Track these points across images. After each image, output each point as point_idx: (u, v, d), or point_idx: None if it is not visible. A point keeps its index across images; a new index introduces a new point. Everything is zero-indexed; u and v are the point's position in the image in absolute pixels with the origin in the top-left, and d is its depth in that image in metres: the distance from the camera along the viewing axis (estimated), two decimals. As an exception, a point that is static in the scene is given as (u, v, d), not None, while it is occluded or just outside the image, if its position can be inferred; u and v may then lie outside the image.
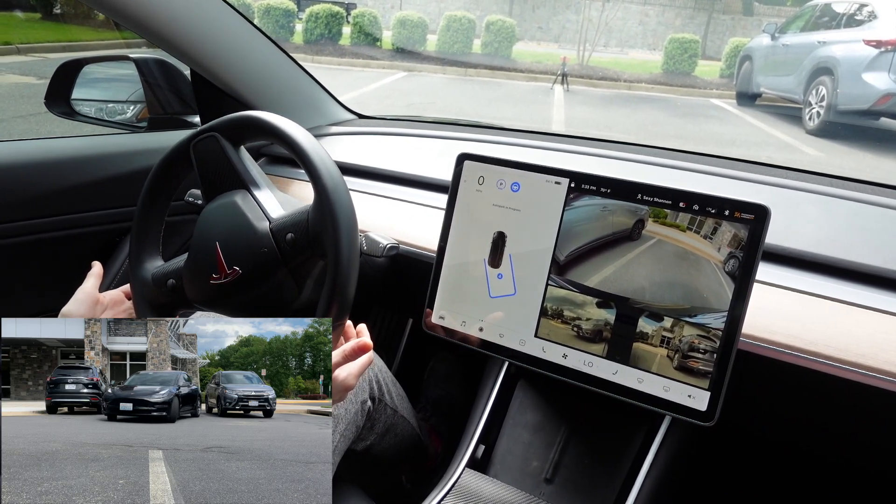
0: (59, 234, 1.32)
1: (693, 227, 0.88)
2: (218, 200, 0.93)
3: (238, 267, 0.88)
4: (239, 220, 0.89)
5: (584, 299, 0.94)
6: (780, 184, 1.20)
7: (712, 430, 0.87)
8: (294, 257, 0.87)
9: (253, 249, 0.88)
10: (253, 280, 0.88)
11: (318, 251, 0.85)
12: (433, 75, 11.99)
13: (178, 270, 0.95)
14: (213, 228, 0.92)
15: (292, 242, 0.86)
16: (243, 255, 0.88)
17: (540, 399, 1.15)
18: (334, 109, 1.77)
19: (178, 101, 1.59)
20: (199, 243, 0.92)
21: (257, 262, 0.87)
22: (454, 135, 1.59)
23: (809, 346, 0.90)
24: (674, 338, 0.88)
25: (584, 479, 1.07)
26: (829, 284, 0.97)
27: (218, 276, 0.89)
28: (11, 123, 5.48)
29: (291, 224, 0.87)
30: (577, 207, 0.95)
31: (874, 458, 1.03)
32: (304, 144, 0.86)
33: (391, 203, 1.35)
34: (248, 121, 0.91)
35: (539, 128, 1.73)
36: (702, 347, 0.86)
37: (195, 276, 0.92)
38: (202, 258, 0.91)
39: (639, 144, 1.46)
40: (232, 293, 0.89)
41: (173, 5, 1.26)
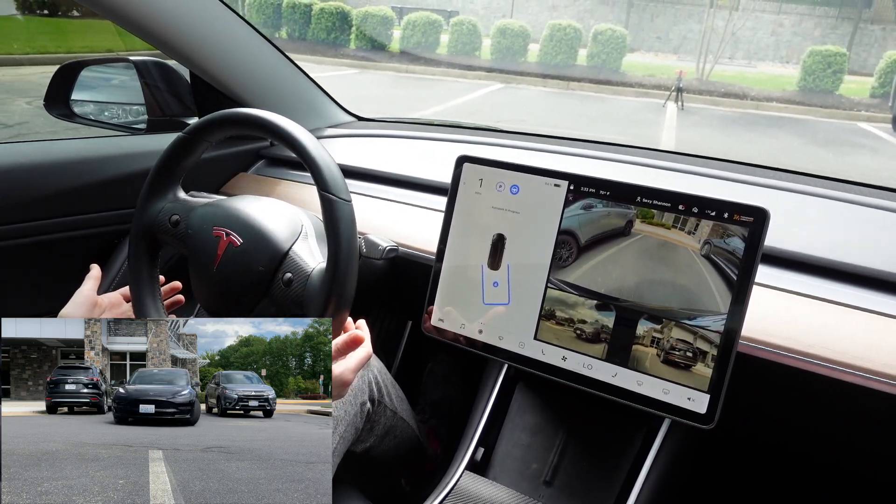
0: (59, 235, 1.32)
1: (677, 225, 0.89)
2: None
3: (242, 238, 0.91)
4: (275, 219, 0.94)
5: (584, 302, 0.94)
6: (780, 186, 1.21)
7: (711, 433, 0.87)
8: (277, 293, 0.89)
9: (253, 257, 0.90)
10: (247, 258, 0.91)
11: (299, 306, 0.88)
12: (532, 88, 11.19)
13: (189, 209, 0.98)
14: (239, 203, 0.96)
15: (287, 282, 0.88)
16: (252, 232, 0.91)
17: (539, 401, 1.15)
18: (334, 111, 1.77)
19: (178, 103, 1.60)
20: (225, 206, 0.96)
21: (258, 245, 0.90)
22: (453, 137, 1.59)
23: (808, 349, 0.90)
24: (673, 340, 0.88)
25: (584, 481, 1.07)
26: (829, 287, 0.98)
27: (221, 231, 0.92)
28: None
29: (296, 268, 0.89)
30: (577, 210, 0.95)
31: (872, 462, 1.03)
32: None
33: (390, 205, 1.35)
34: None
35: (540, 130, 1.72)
36: (701, 350, 0.86)
37: (199, 226, 0.95)
38: (220, 214, 0.95)
39: (638, 147, 1.47)
40: (223, 260, 0.92)
41: (172, 8, 1.26)
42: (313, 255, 0.92)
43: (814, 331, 0.91)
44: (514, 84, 11.29)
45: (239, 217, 0.93)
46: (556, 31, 13.04)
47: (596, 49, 12.91)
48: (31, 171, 1.26)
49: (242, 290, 0.91)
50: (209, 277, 0.93)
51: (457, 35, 13.45)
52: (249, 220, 0.93)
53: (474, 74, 11.74)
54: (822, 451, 1.07)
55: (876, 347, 0.88)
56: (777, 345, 0.91)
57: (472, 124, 1.86)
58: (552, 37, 13.07)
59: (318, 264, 0.89)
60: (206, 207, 0.97)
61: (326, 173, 0.84)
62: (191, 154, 0.98)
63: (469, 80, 11.40)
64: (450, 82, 10.97)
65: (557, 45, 13.03)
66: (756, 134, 8.19)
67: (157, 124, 1.58)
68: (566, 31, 12.98)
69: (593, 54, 12.95)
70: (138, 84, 1.56)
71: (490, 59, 13.14)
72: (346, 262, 0.82)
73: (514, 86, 11.11)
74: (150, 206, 0.99)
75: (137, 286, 1.00)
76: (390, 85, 10.84)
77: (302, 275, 0.88)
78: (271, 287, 0.89)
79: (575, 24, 13.26)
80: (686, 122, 8.62)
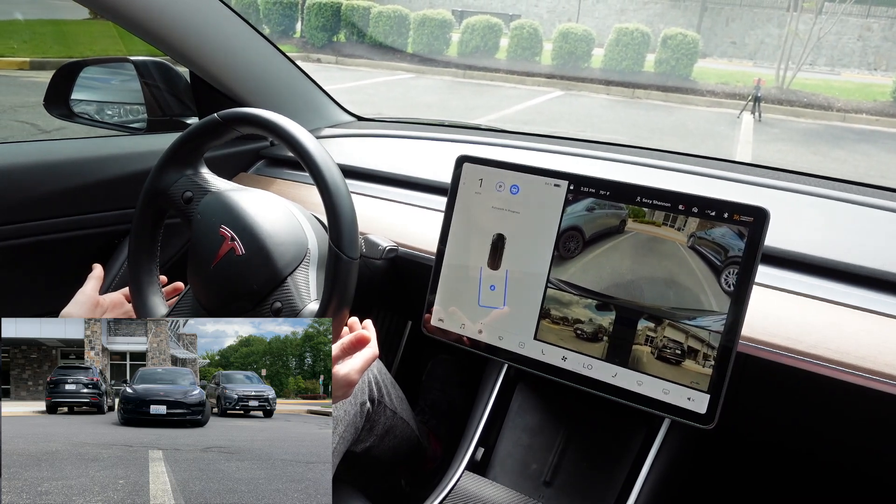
0: (59, 236, 1.32)
1: (667, 223, 0.89)
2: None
3: (244, 246, 0.90)
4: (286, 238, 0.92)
5: (584, 301, 0.94)
6: (780, 186, 1.21)
7: (711, 433, 0.87)
8: (264, 314, 0.89)
9: (251, 272, 0.89)
10: (248, 267, 0.90)
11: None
12: (594, 96, 10.40)
13: (204, 189, 0.97)
14: (253, 207, 0.93)
15: (275, 311, 0.88)
16: (256, 245, 0.90)
17: (539, 401, 1.15)
18: (333, 111, 1.77)
19: (178, 103, 1.60)
20: (238, 201, 0.94)
21: (260, 257, 0.89)
22: (453, 137, 1.59)
23: (809, 349, 0.90)
24: (674, 341, 0.88)
25: (584, 481, 1.07)
26: (829, 287, 0.98)
27: (227, 233, 0.91)
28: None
29: (286, 298, 0.88)
30: (577, 210, 0.95)
31: (873, 462, 1.03)
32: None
33: (390, 205, 1.35)
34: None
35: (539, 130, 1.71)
36: (701, 350, 0.86)
37: (208, 213, 0.94)
38: (229, 210, 0.93)
39: (638, 147, 1.47)
40: (221, 263, 0.91)
41: (172, 7, 1.26)
42: (309, 290, 0.90)
43: (814, 331, 0.91)
44: (574, 91, 10.62)
45: (247, 223, 0.91)
46: (622, 35, 12.28)
47: (665, 54, 12.01)
48: (31, 171, 1.26)
49: (233, 296, 0.90)
50: (205, 272, 0.92)
51: (517, 39, 12.83)
52: (257, 231, 0.90)
53: (533, 81, 11.18)
54: (823, 451, 1.07)
55: (877, 347, 0.88)
56: (777, 345, 0.91)
57: (473, 124, 1.86)
58: (618, 41, 12.31)
59: (312, 302, 0.88)
60: (219, 197, 0.94)
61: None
62: (217, 138, 0.97)
63: (528, 86, 10.82)
64: (507, 89, 10.39)
65: (623, 49, 12.25)
66: (845, 151, 7.29)
67: (157, 124, 1.58)
68: (633, 35, 12.21)
69: (662, 60, 12.06)
70: (138, 84, 1.56)
71: (551, 64, 12.47)
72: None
73: (574, 93, 10.44)
74: (167, 174, 0.97)
75: (137, 244, 0.99)
76: (445, 91, 10.38)
77: (291, 310, 0.87)
78: (260, 308, 0.89)
79: (643, 27, 12.46)
80: (764, 135, 7.79)
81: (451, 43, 13.30)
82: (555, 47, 12.55)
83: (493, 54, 12.76)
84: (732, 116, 8.80)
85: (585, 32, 12.54)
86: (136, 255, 0.98)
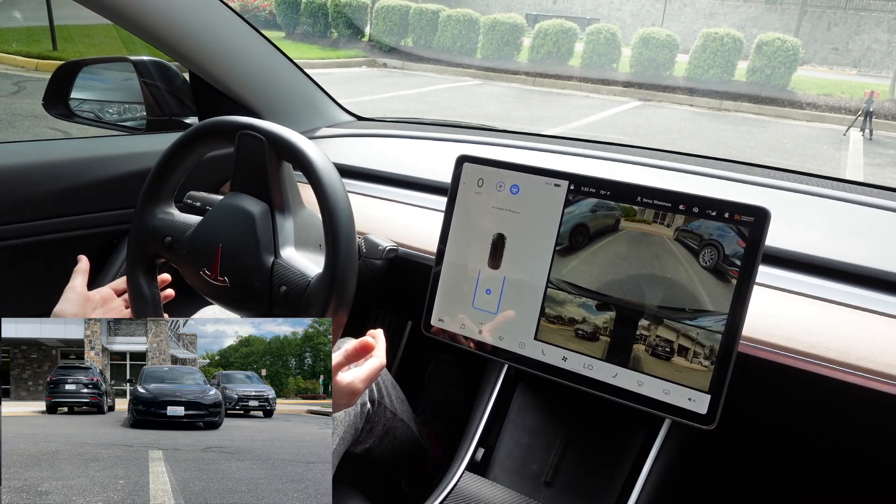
0: (58, 235, 1.32)
1: (657, 220, 0.90)
2: (241, 201, 0.92)
3: (228, 279, 0.90)
4: (248, 239, 0.89)
5: (584, 302, 0.94)
6: (780, 186, 1.21)
7: (712, 434, 0.87)
8: (279, 307, 0.88)
9: (246, 274, 0.89)
10: (236, 298, 0.91)
11: (304, 314, 0.86)
12: (675, 108, 9.41)
13: (180, 231, 0.96)
14: (223, 228, 0.92)
15: (283, 295, 0.87)
16: (237, 273, 0.89)
17: (539, 402, 1.15)
18: (333, 111, 1.77)
19: (177, 102, 1.59)
20: (205, 235, 0.93)
21: (245, 287, 0.89)
22: (453, 137, 1.59)
23: (809, 349, 0.90)
24: (674, 341, 0.88)
25: (584, 482, 1.07)
26: (829, 287, 0.98)
27: (210, 274, 0.91)
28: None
29: (290, 280, 0.87)
30: (577, 210, 0.95)
31: (873, 463, 1.03)
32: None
33: (390, 205, 1.35)
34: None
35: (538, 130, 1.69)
36: (702, 350, 0.86)
37: (189, 260, 0.93)
38: (203, 250, 0.92)
39: (638, 146, 1.47)
40: (215, 295, 0.92)
41: (171, 7, 1.26)
42: (308, 239, 0.92)
43: (814, 331, 0.91)
44: (654, 102, 9.64)
45: (219, 254, 0.90)
46: (710, 40, 11.10)
47: (759, 62, 10.69)
48: (31, 171, 1.26)
49: (247, 310, 0.92)
50: (213, 300, 0.95)
51: (592, 45, 11.93)
52: (228, 254, 0.90)
53: (608, 90, 10.34)
54: (823, 451, 1.07)
55: (877, 347, 0.88)
56: (778, 345, 0.91)
57: (472, 124, 1.86)
58: (705, 47, 11.14)
59: (313, 268, 0.88)
60: (192, 237, 0.94)
61: (322, 169, 0.84)
62: (184, 162, 0.97)
63: (602, 94, 9.94)
64: (579, 98, 9.50)
65: (711, 56, 11.09)
66: (981, 181, 5.98)
67: (157, 124, 1.58)
68: (723, 40, 11.00)
69: (755, 68, 10.74)
70: (137, 84, 1.56)
71: (629, 71, 11.48)
72: (346, 261, 0.82)
73: (654, 103, 9.49)
74: (144, 222, 0.98)
75: (136, 287, 0.99)
76: (512, 99, 9.60)
77: (296, 289, 0.86)
78: (273, 298, 0.88)
79: (735, 32, 11.26)
80: (877, 157, 6.60)
81: (521, 48, 12.63)
82: (634, 53, 11.59)
83: (566, 60, 11.99)
84: (836, 133, 7.72)
85: (669, 37, 11.50)
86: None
